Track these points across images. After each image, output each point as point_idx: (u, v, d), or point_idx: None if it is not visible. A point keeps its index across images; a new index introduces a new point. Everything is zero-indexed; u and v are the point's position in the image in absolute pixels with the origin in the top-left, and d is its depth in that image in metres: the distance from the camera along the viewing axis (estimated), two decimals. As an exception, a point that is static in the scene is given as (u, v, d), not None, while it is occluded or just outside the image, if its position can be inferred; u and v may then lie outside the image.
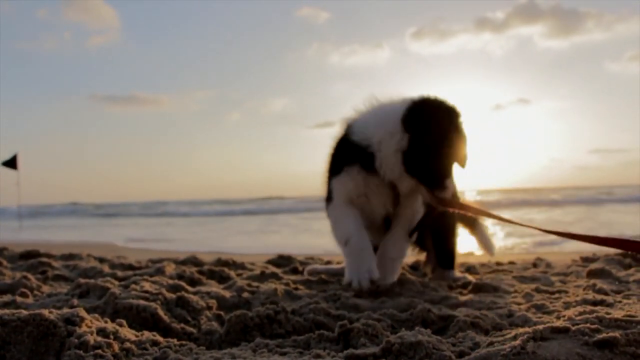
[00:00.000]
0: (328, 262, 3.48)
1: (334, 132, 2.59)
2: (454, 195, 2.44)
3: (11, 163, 13.11)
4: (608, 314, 1.46)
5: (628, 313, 1.51)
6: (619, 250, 3.23)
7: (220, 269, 2.97)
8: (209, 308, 2.01)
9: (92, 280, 2.25)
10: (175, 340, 1.58)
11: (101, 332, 1.45)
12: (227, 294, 2.18)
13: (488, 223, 2.95)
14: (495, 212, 2.28)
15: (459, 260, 3.01)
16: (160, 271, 2.89)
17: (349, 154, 2.40)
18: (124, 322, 1.64)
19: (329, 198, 2.52)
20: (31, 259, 3.53)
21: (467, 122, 2.36)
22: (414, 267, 3.23)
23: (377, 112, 2.42)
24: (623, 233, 6.83)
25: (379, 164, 2.31)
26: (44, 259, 3.34)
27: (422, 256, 3.02)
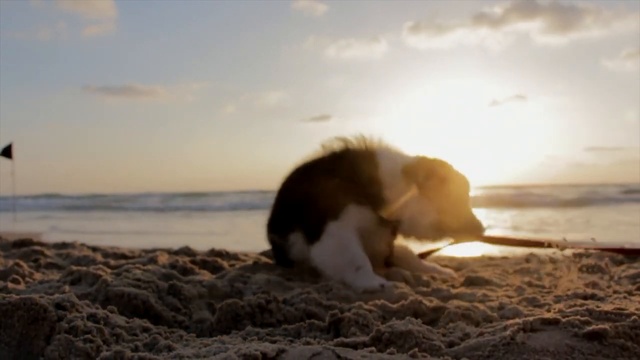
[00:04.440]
0: None
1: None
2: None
3: (6, 152, 13.04)
4: (598, 307, 1.46)
5: (618, 306, 1.51)
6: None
7: (213, 259, 2.96)
8: (201, 297, 2.01)
9: (84, 268, 2.24)
10: (165, 328, 1.58)
11: (91, 317, 1.44)
12: (219, 283, 2.18)
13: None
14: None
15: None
16: (153, 260, 2.88)
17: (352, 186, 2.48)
18: (115, 309, 1.64)
19: (332, 215, 2.47)
20: (24, 247, 3.51)
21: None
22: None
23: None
24: (615, 234, 6.86)
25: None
26: (37, 247, 3.33)
27: None
